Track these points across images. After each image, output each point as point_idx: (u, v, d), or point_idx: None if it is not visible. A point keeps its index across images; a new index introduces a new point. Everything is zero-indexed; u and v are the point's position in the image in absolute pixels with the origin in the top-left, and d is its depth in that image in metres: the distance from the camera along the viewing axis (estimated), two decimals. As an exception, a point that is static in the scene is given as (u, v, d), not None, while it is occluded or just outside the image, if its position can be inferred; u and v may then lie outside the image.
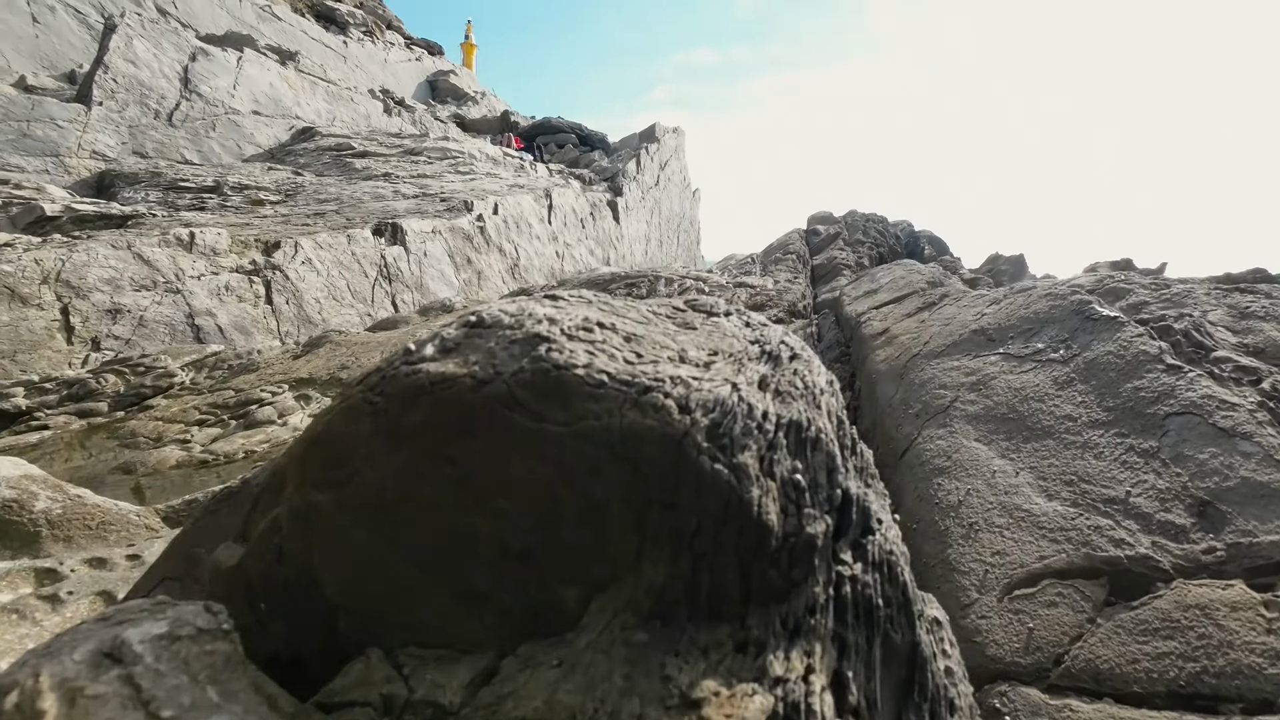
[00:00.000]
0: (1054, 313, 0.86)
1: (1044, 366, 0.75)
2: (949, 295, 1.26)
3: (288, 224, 7.61)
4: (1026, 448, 0.67)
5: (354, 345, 3.51)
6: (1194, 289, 1.28)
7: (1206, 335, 0.78)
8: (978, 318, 0.98)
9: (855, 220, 7.17)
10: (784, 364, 0.41)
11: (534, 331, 0.35)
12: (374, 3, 26.08)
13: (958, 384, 0.81)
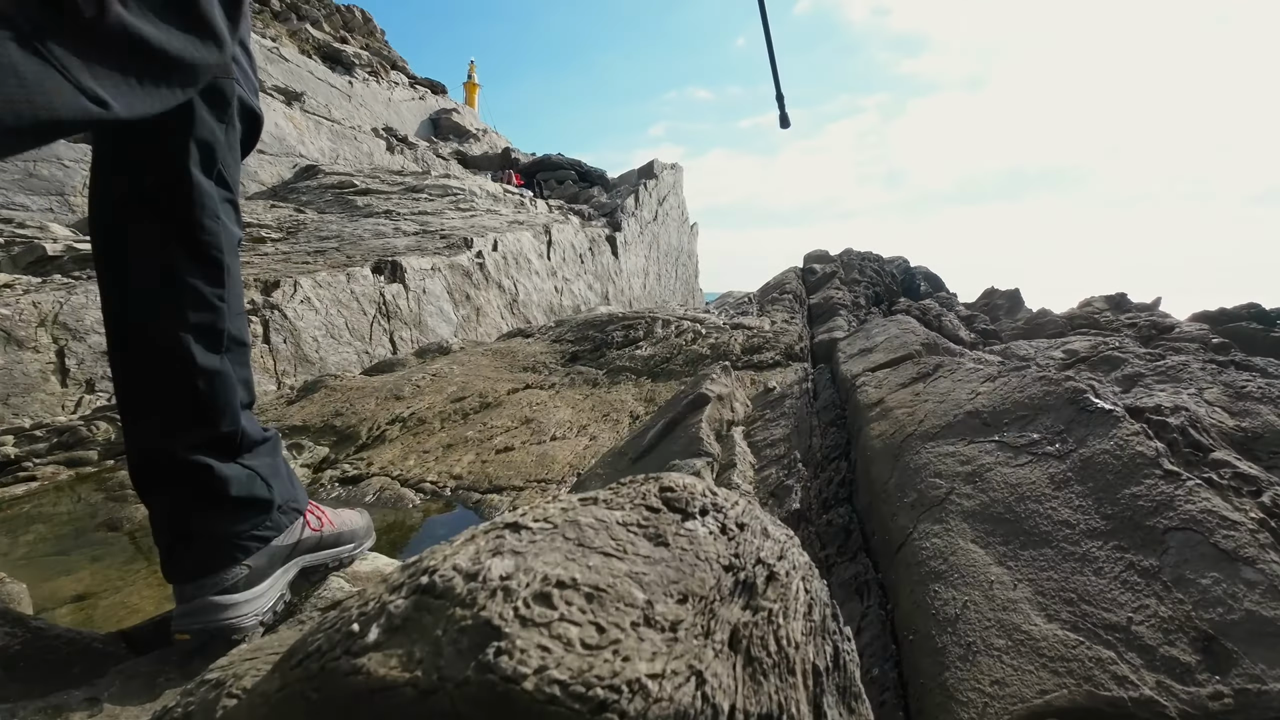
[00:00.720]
0: (1048, 399, 0.85)
1: (1040, 461, 0.74)
2: (943, 366, 1.25)
3: (288, 262, 7.67)
4: (1024, 555, 0.65)
5: (349, 390, 3.50)
6: (1189, 362, 1.28)
7: (1204, 432, 0.77)
8: (972, 397, 0.97)
9: (851, 259, 7.24)
10: (760, 597, 0.39)
11: (484, 618, 0.33)
12: (379, 44, 26.82)
13: (953, 473, 0.80)
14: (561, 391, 3.66)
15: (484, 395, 3.48)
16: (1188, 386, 1.15)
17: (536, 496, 2.43)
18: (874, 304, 6.18)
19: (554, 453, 2.80)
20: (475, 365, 4.09)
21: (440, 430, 3.11)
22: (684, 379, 3.84)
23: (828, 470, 1.30)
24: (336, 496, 2.47)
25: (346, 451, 2.89)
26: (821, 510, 1.16)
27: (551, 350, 4.47)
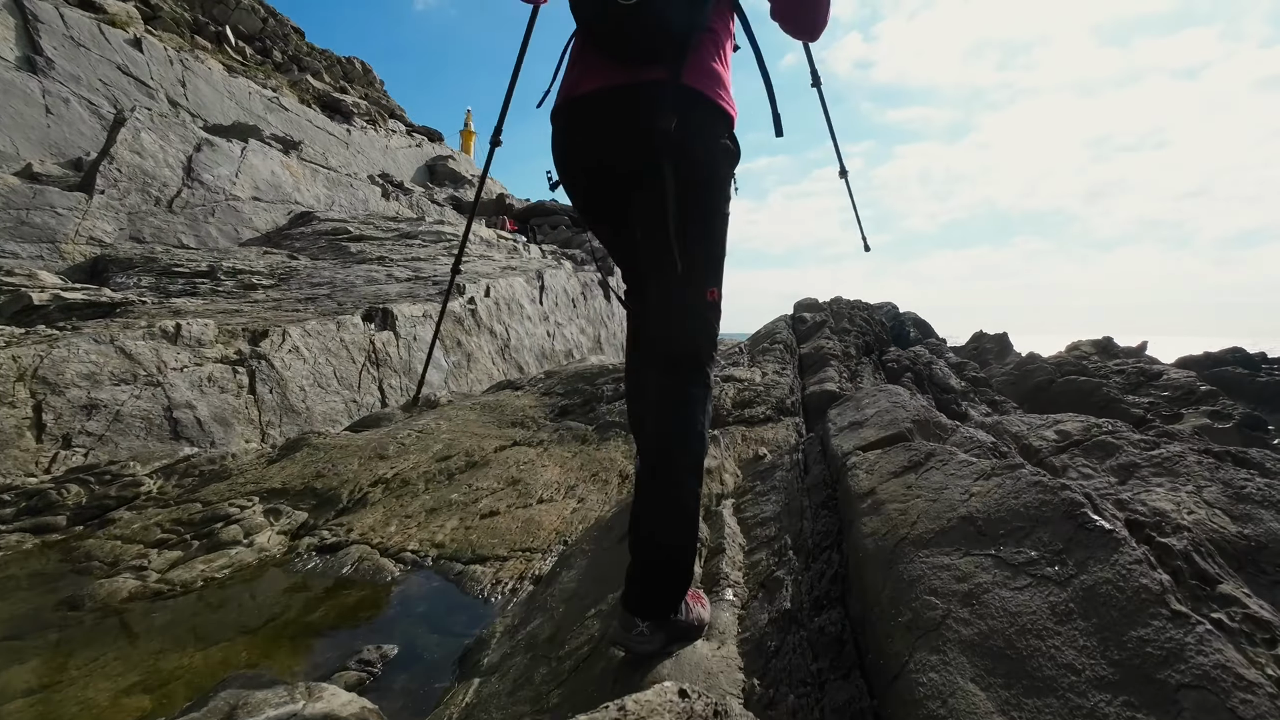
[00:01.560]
0: (1045, 510, 0.82)
1: (1040, 586, 0.70)
2: (935, 456, 1.22)
3: (278, 309, 7.65)
4: (1028, 704, 0.61)
5: (332, 449, 3.42)
6: (1185, 454, 1.25)
7: (1209, 558, 0.74)
8: (965, 498, 0.94)
9: (841, 308, 7.29)
10: None
11: None
12: (378, 94, 27.50)
13: (949, 591, 0.76)
14: (550, 449, 3.60)
15: (470, 454, 3.42)
16: (1185, 483, 1.13)
17: (521, 566, 2.35)
18: (865, 354, 6.20)
19: (540, 517, 2.72)
20: (463, 421, 4.03)
21: (424, 492, 3.03)
22: (674, 435, 3.78)
23: (819, 561, 1.25)
24: (313, 567, 2.38)
25: (326, 516, 2.80)
26: (813, 611, 1.10)
27: (541, 404, 4.42)
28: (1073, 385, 8.30)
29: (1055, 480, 0.89)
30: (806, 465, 1.80)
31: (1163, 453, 1.24)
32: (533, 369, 12.04)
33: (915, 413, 1.63)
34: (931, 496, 0.99)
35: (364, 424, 4.40)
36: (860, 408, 1.87)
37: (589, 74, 1.22)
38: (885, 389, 1.95)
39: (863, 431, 1.63)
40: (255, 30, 21.15)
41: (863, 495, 1.16)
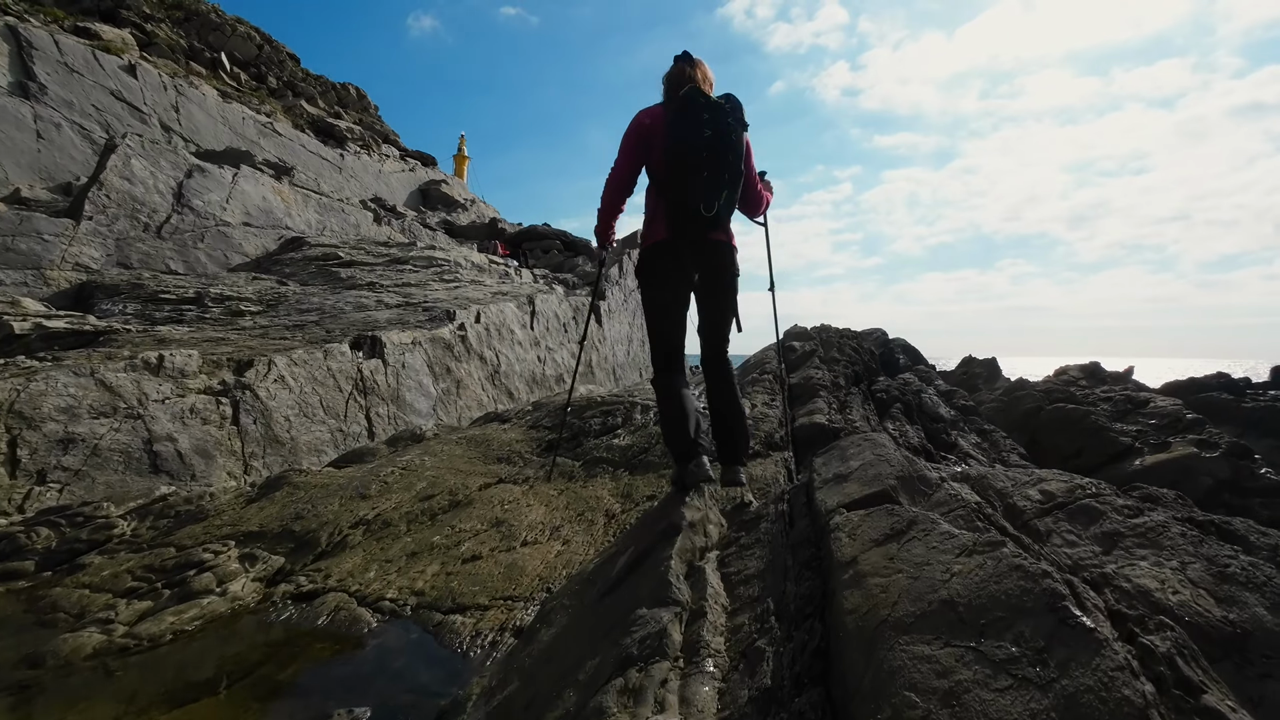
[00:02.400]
0: (1025, 600, 0.80)
1: (1020, 688, 0.68)
2: (916, 525, 1.20)
3: (265, 337, 7.58)
4: (1009, 827, 0.58)
5: (312, 488, 3.36)
6: (1169, 524, 1.24)
7: (1193, 663, 0.72)
8: (946, 577, 0.92)
9: (830, 337, 7.31)
10: None
11: None
12: (372, 119, 27.73)
13: (929, 688, 0.73)
14: (535, 487, 3.55)
15: (454, 493, 3.36)
16: (1169, 558, 1.11)
17: (502, 617, 2.30)
18: (853, 384, 6.21)
19: (524, 562, 2.67)
20: (448, 456, 3.97)
21: (406, 534, 2.97)
22: (662, 471, 3.75)
23: (801, 630, 1.22)
24: (288, 618, 2.31)
25: (304, 561, 2.73)
26: (794, 689, 1.07)
27: (528, 438, 4.38)
28: (1061, 413, 8.34)
29: (1036, 565, 0.87)
30: (792, 517, 1.77)
31: (1146, 521, 1.22)
32: (523, 395, 11.99)
33: (899, 468, 1.61)
34: (913, 573, 0.96)
35: (348, 459, 4.34)
36: (845, 458, 1.85)
37: (681, 218, 2.39)
38: (870, 439, 1.93)
39: (847, 486, 1.61)
40: (250, 56, 21.34)
41: (845, 564, 1.14)
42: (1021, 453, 6.51)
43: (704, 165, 2.21)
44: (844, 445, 1.96)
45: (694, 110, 2.24)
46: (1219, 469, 6.66)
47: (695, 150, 2.20)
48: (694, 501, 1.88)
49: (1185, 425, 7.74)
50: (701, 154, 2.20)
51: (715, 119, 2.22)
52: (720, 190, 2.26)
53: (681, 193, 2.25)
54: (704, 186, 2.23)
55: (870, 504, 1.45)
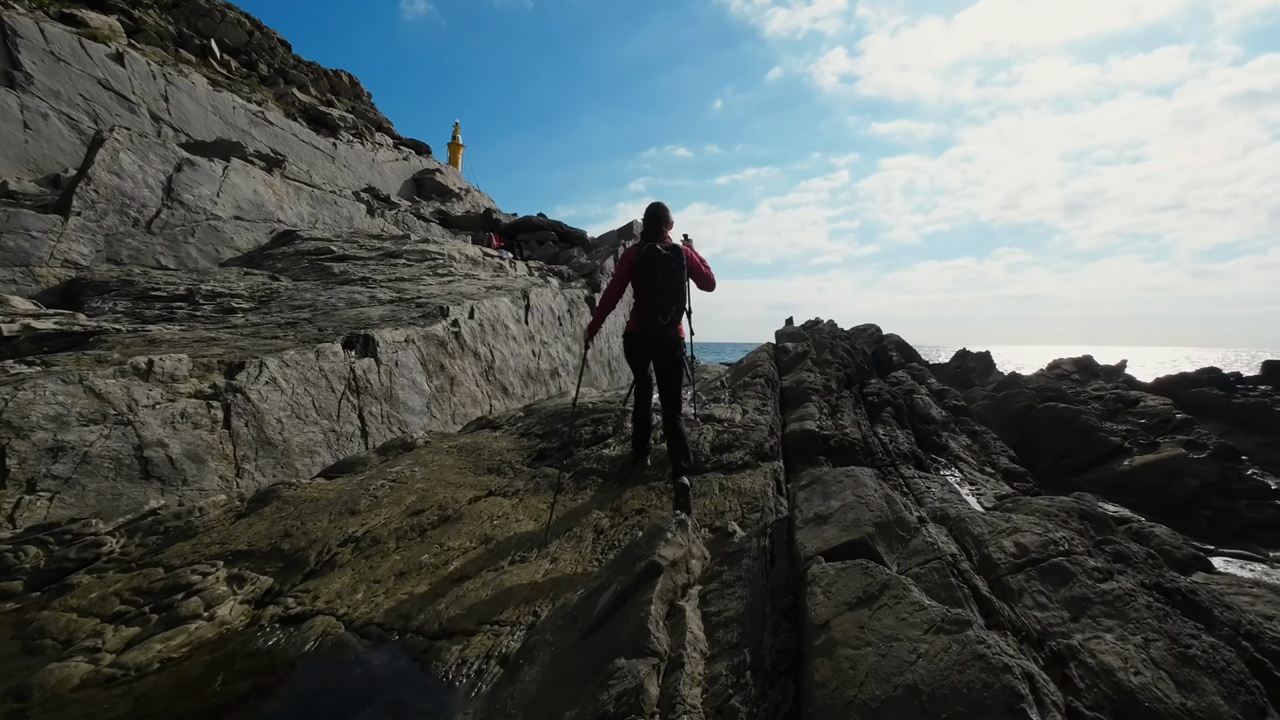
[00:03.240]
0: (985, 696, 0.81)
1: None
2: (889, 590, 1.21)
3: (257, 336, 7.55)
4: None
5: (302, 503, 3.36)
6: (1136, 593, 1.25)
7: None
8: (912, 658, 0.93)
9: (823, 338, 7.31)
10: None
11: None
12: (365, 106, 27.41)
13: None
14: (525, 499, 3.56)
15: (444, 507, 3.37)
16: (1134, 632, 1.12)
17: (488, 643, 2.31)
18: (845, 386, 6.23)
19: (511, 583, 2.68)
20: (439, 467, 3.98)
21: (395, 551, 2.99)
22: (652, 483, 3.77)
23: (775, 689, 1.24)
24: (275, 644, 2.33)
25: (292, 581, 2.74)
26: (765, 757, 1.09)
27: (519, 446, 4.39)
28: (1052, 412, 8.40)
29: (999, 656, 0.88)
30: (773, 555, 1.78)
31: (1115, 589, 1.23)
32: (517, 390, 12.00)
33: (877, 512, 1.62)
34: (881, 648, 0.98)
35: (338, 469, 4.34)
36: (827, 494, 1.86)
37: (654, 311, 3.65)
38: (852, 475, 1.94)
39: (826, 531, 1.62)
40: (241, 43, 21.04)
41: (818, 627, 1.15)
42: (1011, 455, 6.55)
43: (660, 293, 3.65)
44: (826, 480, 1.97)
45: (652, 264, 3.64)
46: (1206, 470, 6.74)
47: (655, 284, 3.64)
48: (677, 537, 1.90)
49: (1174, 425, 7.81)
50: (659, 287, 3.65)
51: (665, 266, 3.64)
52: (670, 307, 3.68)
53: (649, 307, 3.68)
54: (661, 305, 3.66)
55: (848, 553, 1.47)
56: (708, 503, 3.50)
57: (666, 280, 3.62)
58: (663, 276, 3.61)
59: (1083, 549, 1.37)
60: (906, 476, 4.27)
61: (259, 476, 5.94)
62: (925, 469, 4.76)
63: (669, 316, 3.66)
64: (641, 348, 3.85)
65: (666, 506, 3.49)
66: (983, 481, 5.41)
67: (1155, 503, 6.88)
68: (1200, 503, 6.74)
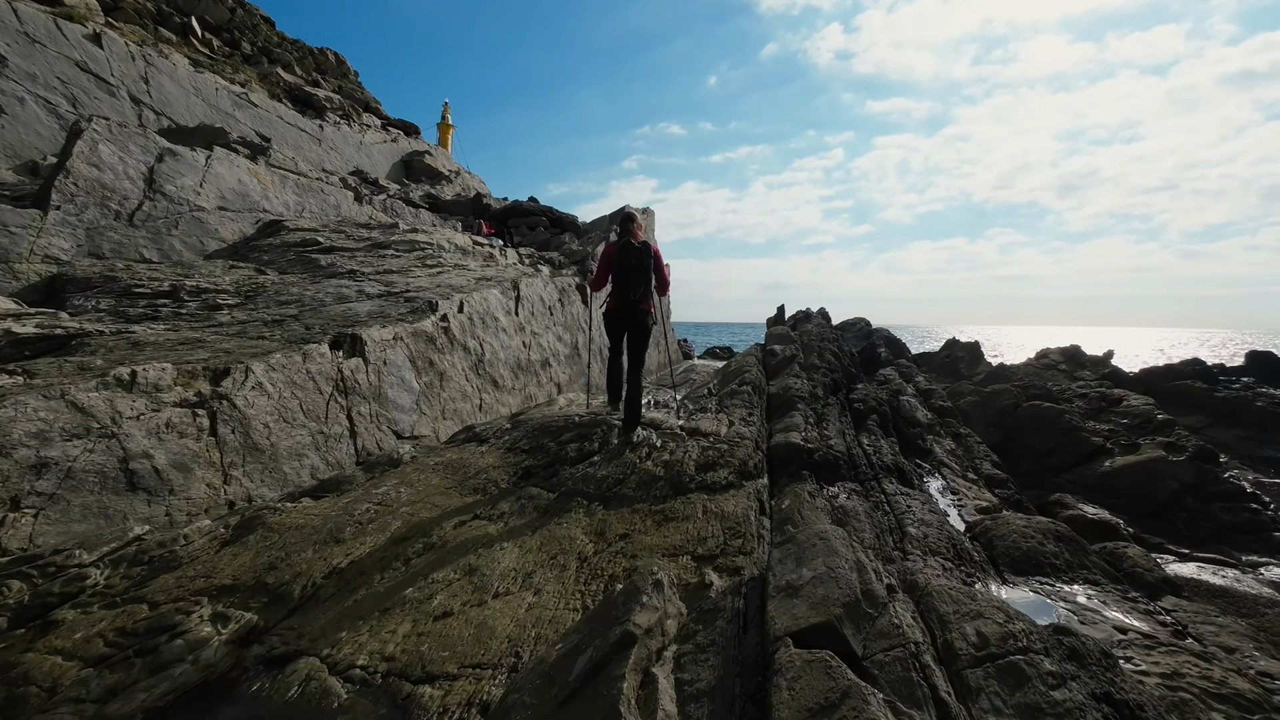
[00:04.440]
0: None
1: None
2: (849, 699, 1.24)
3: (242, 336, 7.49)
4: None
5: (287, 531, 3.38)
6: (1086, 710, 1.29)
7: None
8: None
9: (811, 340, 7.34)
10: None
11: None
12: (353, 86, 26.87)
13: None
14: (510, 523, 3.59)
15: (428, 534, 3.40)
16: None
17: (469, 689, 2.36)
18: (832, 393, 6.27)
19: (494, 620, 2.72)
20: (424, 487, 4.00)
21: (379, 582, 3.02)
22: (636, 505, 3.81)
23: (740, 786, 1.28)
24: (259, 689, 2.36)
25: (277, 618, 2.77)
26: None
27: (505, 463, 4.41)
28: (1036, 411, 8.51)
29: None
30: (745, 621, 1.82)
31: (1066, 699, 1.27)
32: (508, 382, 12.00)
33: (846, 590, 1.65)
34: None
35: (324, 487, 4.35)
36: (800, 560, 1.89)
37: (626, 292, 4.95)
38: (826, 540, 1.97)
39: (796, 607, 1.66)
40: (223, 20, 20.51)
41: None
42: (994, 460, 6.64)
43: (631, 276, 4.93)
44: (801, 541, 2.00)
45: (626, 254, 4.99)
46: (1184, 473, 6.86)
47: (628, 269, 4.93)
48: (653, 599, 1.93)
49: (1156, 426, 7.93)
50: (631, 272, 4.93)
51: (636, 255, 4.97)
52: (639, 287, 4.95)
53: (624, 287, 4.96)
54: (632, 285, 4.94)
55: (816, 638, 1.50)
56: (691, 527, 3.54)
57: (637, 266, 4.90)
58: (634, 264, 4.90)
59: (1040, 645, 1.41)
60: (888, 493, 4.33)
61: (247, 482, 5.95)
62: (908, 481, 4.83)
63: (638, 294, 4.92)
64: (618, 320, 5.15)
65: (651, 531, 3.54)
66: (965, 490, 5.49)
67: (1135, 504, 7.01)
68: (1177, 505, 6.88)
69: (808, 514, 3.89)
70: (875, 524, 3.75)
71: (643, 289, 4.91)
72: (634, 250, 4.91)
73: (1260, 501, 6.80)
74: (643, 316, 4.98)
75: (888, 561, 3.12)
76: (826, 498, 4.13)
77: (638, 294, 4.90)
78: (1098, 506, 6.85)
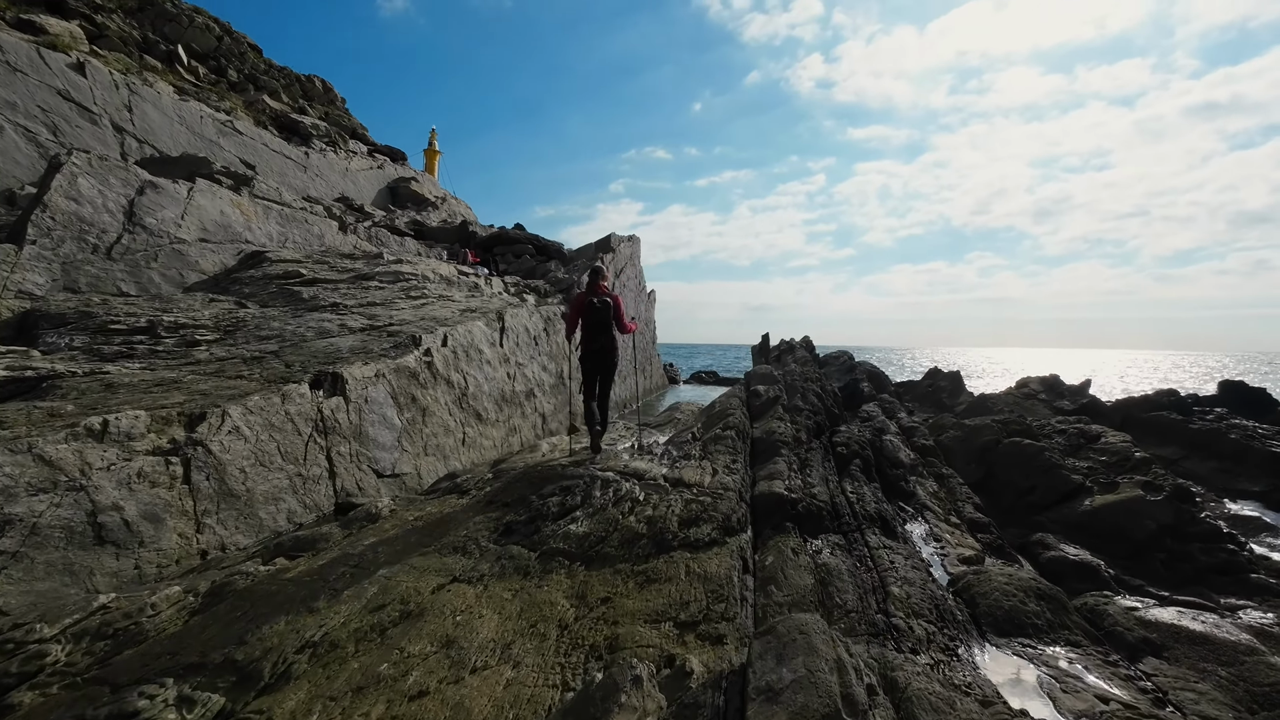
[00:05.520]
0: None
1: None
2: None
3: (220, 375, 7.37)
4: None
5: (258, 598, 3.29)
6: None
7: None
8: None
9: (794, 381, 7.38)
10: None
11: None
12: (339, 112, 26.97)
13: None
14: (490, 587, 3.53)
15: (405, 600, 3.33)
16: None
17: (444, 781, 2.29)
18: (815, 436, 6.29)
19: (471, 700, 2.66)
20: (403, 545, 3.93)
21: (354, 657, 2.94)
22: (618, 566, 3.77)
23: None
24: (223, 785, 2.27)
25: (245, 699, 2.68)
26: None
27: (485, 518, 4.35)
28: (1017, 448, 8.59)
29: None
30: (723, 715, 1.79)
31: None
32: (491, 415, 11.91)
33: (826, 699, 1.63)
34: None
35: (299, 545, 4.26)
36: (780, 658, 1.87)
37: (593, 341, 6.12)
38: (806, 634, 1.95)
39: (776, 715, 1.64)
40: (210, 48, 20.55)
41: None
42: (976, 502, 6.67)
43: (596, 327, 6.01)
44: (782, 634, 1.98)
45: (590, 311, 6.07)
46: (1162, 513, 6.94)
47: (594, 322, 6.03)
48: (631, 699, 1.89)
49: (1133, 464, 8.03)
50: (595, 326, 6.01)
51: (600, 311, 6.01)
52: (603, 336, 6.00)
53: (592, 335, 6.03)
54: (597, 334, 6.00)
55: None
56: (673, 590, 3.51)
57: (601, 319, 6.04)
58: (598, 319, 6.04)
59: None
60: (872, 546, 4.32)
61: (221, 530, 5.80)
62: (891, 531, 4.83)
63: (602, 342, 6.06)
64: (590, 360, 6.28)
65: (633, 594, 3.50)
66: (948, 536, 5.51)
67: (1115, 544, 7.07)
68: (1156, 545, 6.95)
69: (791, 574, 3.87)
70: (858, 583, 3.74)
71: (606, 337, 6.02)
72: (596, 308, 6.01)
73: (1236, 542, 6.89)
74: (610, 357, 6.14)
75: (871, 633, 3.11)
76: (810, 553, 4.11)
77: (602, 342, 6.03)
78: (1079, 547, 6.90)
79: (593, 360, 6.16)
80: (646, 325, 28.39)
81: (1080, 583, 6.39)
